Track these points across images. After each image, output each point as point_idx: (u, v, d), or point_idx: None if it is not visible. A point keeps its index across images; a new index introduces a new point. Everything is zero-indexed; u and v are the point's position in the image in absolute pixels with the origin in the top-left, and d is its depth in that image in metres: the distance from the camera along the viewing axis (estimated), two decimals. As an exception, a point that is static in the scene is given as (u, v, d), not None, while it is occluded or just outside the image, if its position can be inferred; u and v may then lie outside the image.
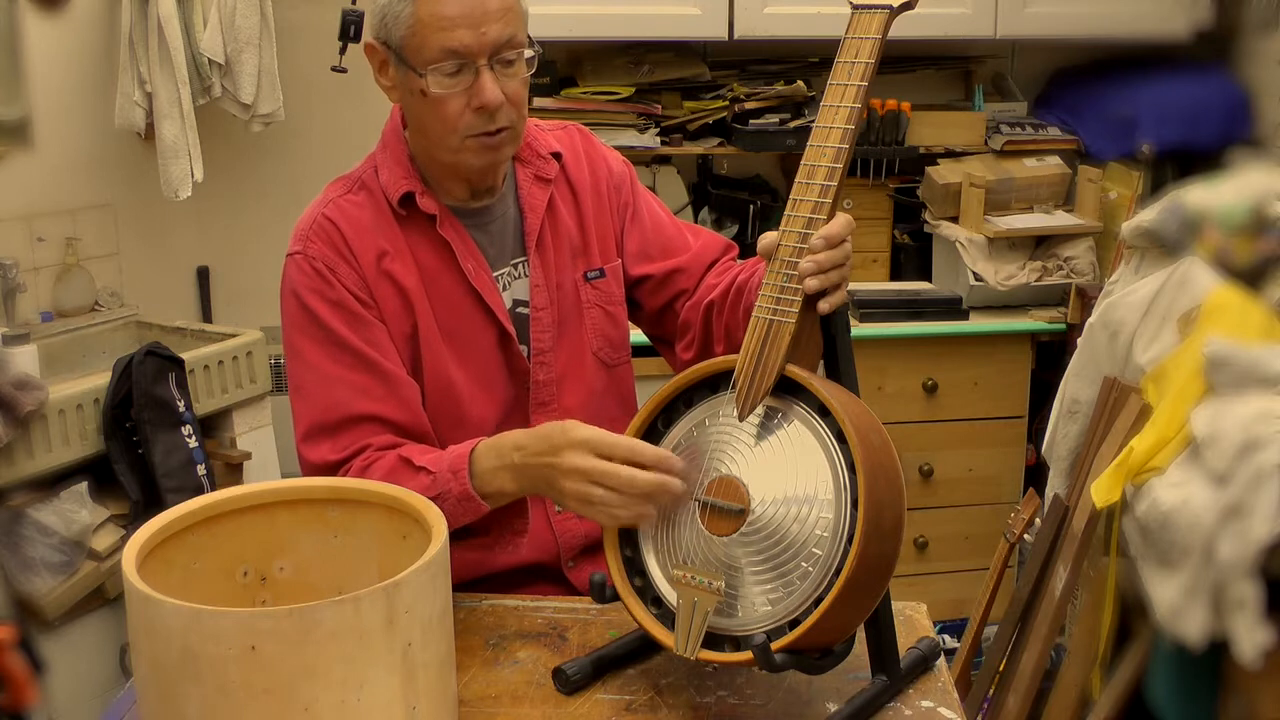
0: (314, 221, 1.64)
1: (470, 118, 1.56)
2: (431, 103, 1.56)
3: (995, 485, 3.21)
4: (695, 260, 1.80)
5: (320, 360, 1.61)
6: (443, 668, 1.26)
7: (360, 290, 1.62)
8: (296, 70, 3.28)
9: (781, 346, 1.37)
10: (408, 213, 1.65)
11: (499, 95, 1.55)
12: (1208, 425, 2.08)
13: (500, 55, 1.55)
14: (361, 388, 1.60)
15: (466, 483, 1.52)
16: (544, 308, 1.71)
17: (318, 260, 1.61)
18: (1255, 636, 1.99)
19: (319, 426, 1.60)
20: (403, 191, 1.64)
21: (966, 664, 2.71)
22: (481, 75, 1.54)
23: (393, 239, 1.64)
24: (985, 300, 3.20)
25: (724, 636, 1.34)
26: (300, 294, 1.62)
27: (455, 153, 1.60)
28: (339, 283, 1.61)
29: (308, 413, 1.62)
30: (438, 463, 1.54)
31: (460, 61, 1.53)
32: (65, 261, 3.13)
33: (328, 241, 1.62)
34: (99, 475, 2.68)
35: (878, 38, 1.41)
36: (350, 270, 1.62)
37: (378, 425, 1.60)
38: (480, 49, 1.53)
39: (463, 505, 1.52)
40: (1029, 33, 3.35)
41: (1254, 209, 2.29)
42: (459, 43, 1.52)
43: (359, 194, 1.66)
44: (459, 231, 1.66)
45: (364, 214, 1.65)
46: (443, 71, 1.54)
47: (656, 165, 3.39)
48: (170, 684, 1.15)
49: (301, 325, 1.62)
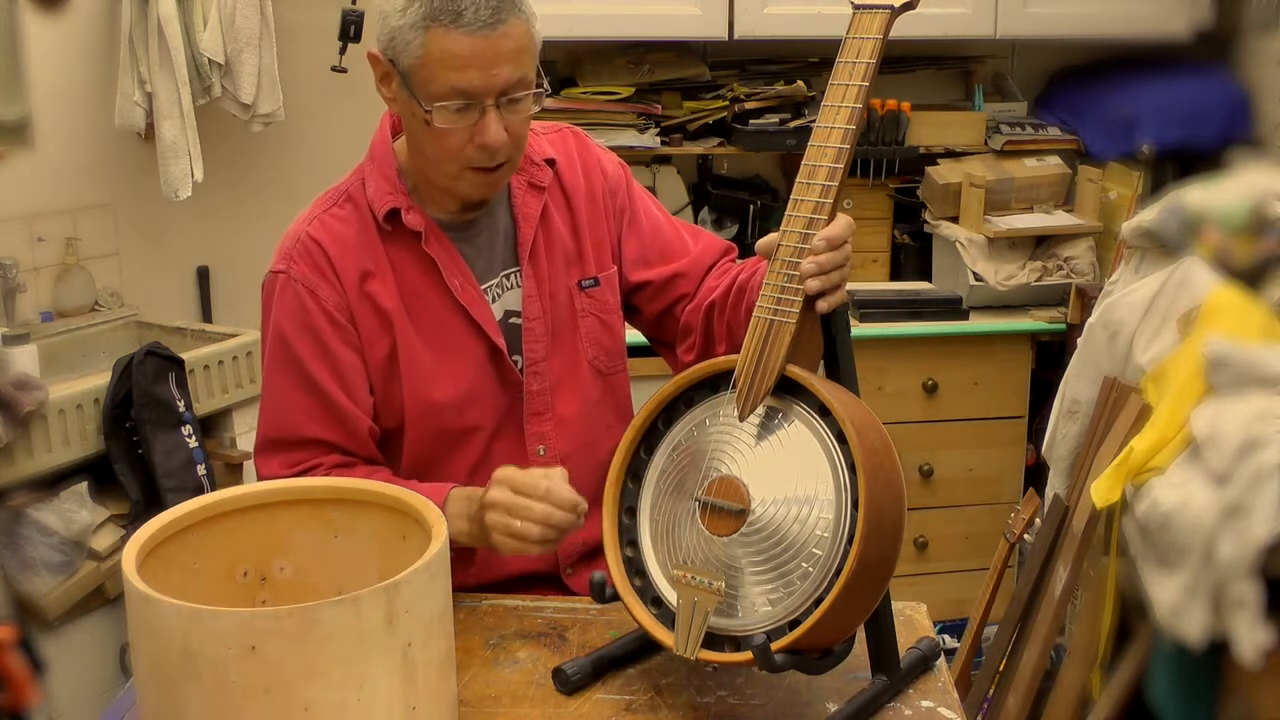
0: (298, 240, 1.64)
1: (471, 152, 1.55)
2: (434, 133, 1.55)
3: (995, 485, 3.21)
4: (694, 265, 1.79)
5: (280, 382, 1.66)
6: (443, 668, 1.26)
7: (339, 311, 1.63)
8: (296, 70, 3.28)
9: (782, 346, 1.37)
10: (393, 228, 1.64)
11: (503, 136, 1.54)
12: (1208, 425, 2.08)
13: (508, 95, 1.53)
14: (310, 412, 1.64)
15: None
16: (536, 318, 1.70)
17: (298, 282, 1.62)
18: (1255, 636, 1.99)
19: (270, 441, 1.67)
20: (388, 208, 1.63)
21: (966, 664, 2.71)
22: (487, 115, 1.53)
23: (376, 257, 1.64)
24: (985, 300, 3.20)
25: (724, 636, 1.34)
26: (275, 315, 1.65)
27: (452, 179, 1.60)
28: (317, 307, 1.62)
29: (263, 427, 1.68)
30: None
31: (467, 100, 1.52)
32: (65, 261, 3.13)
33: (310, 262, 1.63)
34: (99, 475, 2.68)
35: (879, 38, 1.41)
36: (332, 291, 1.62)
37: (324, 447, 1.65)
38: (489, 90, 1.51)
39: None
40: (1029, 33, 3.35)
41: (1254, 209, 2.29)
42: (468, 83, 1.50)
43: (345, 207, 1.66)
44: (445, 247, 1.66)
45: (348, 230, 1.64)
46: (449, 109, 1.52)
47: (656, 165, 3.39)
48: (170, 684, 1.15)
49: (271, 343, 1.66)
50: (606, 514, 1.45)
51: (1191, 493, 2.05)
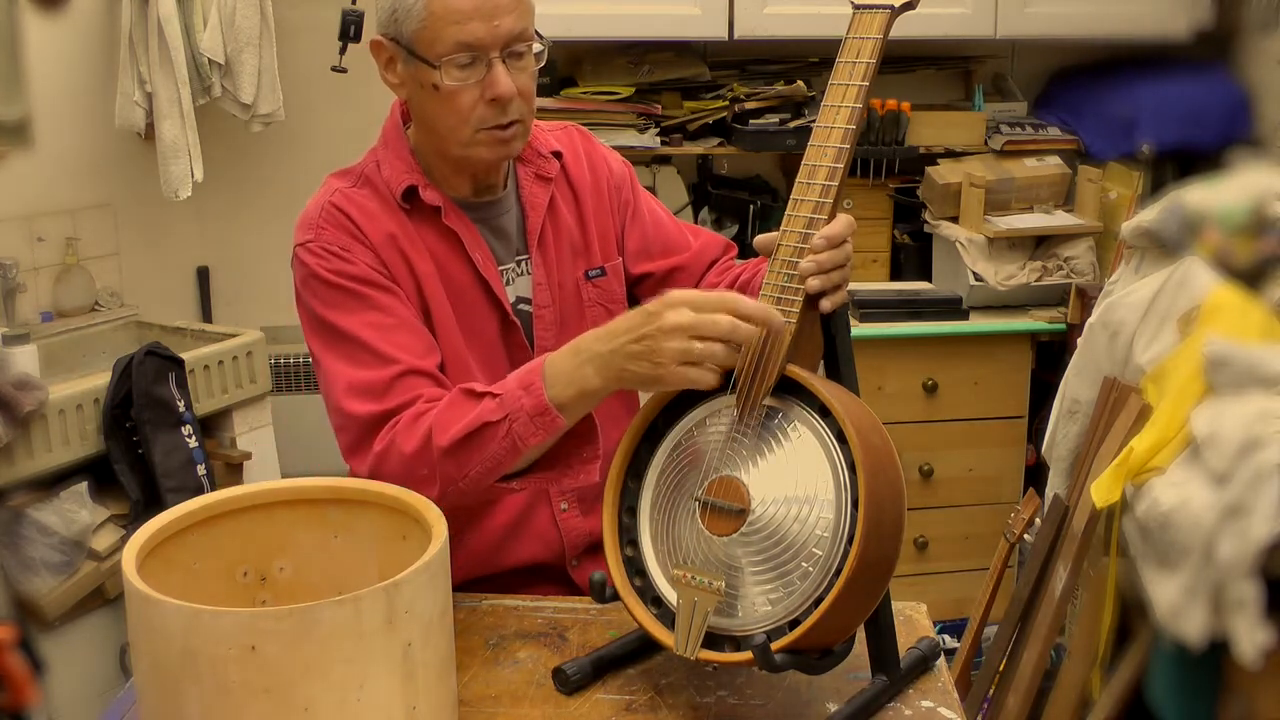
0: (322, 209, 1.63)
1: (483, 110, 1.57)
2: (443, 96, 1.56)
3: (995, 485, 3.21)
4: (696, 259, 1.81)
5: (357, 327, 1.56)
6: (443, 668, 1.26)
7: (377, 267, 1.60)
8: (296, 70, 3.28)
9: (782, 346, 1.37)
10: (411, 206, 1.65)
11: (512, 86, 1.56)
12: (1208, 425, 2.08)
13: (511, 48, 1.56)
14: (404, 345, 1.56)
15: (541, 394, 1.42)
16: (546, 306, 1.71)
17: (332, 244, 1.60)
18: (1255, 636, 1.99)
19: (364, 384, 1.54)
20: (405, 185, 1.64)
21: (966, 664, 2.71)
22: (494, 67, 1.55)
23: (402, 226, 1.64)
24: (985, 300, 3.20)
25: (724, 636, 1.34)
26: (320, 275, 1.59)
27: (467, 146, 1.60)
28: (357, 259, 1.59)
29: (347, 371, 1.56)
30: (503, 385, 1.47)
31: (473, 54, 1.54)
32: (65, 261, 3.14)
33: (339, 226, 1.61)
34: (99, 475, 2.68)
35: (879, 38, 1.41)
36: (365, 250, 1.60)
37: (425, 379, 1.55)
38: (493, 41, 1.54)
39: (536, 422, 1.42)
40: (1029, 33, 3.35)
41: (1254, 209, 2.29)
42: (472, 35, 1.53)
43: (363, 188, 1.66)
44: (465, 223, 1.66)
45: (370, 204, 1.64)
46: (456, 64, 1.54)
47: (656, 165, 3.39)
48: (170, 684, 1.15)
49: (329, 302, 1.59)
50: (606, 514, 1.44)
51: (1191, 493, 2.05)
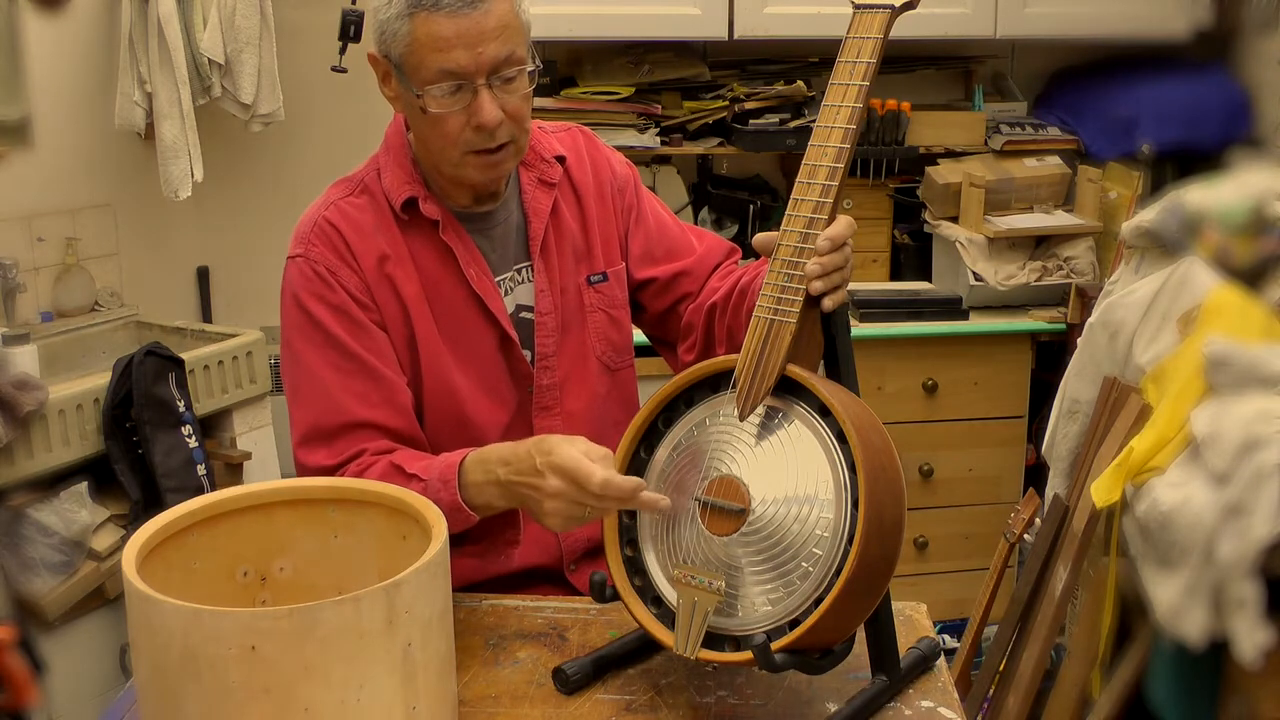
0: (315, 224, 1.64)
1: (470, 135, 1.56)
2: (431, 119, 1.56)
3: (995, 485, 3.21)
4: (700, 264, 1.80)
5: (319, 365, 1.61)
6: (443, 668, 1.26)
7: (361, 293, 1.62)
8: (296, 70, 3.28)
9: (782, 346, 1.37)
10: (410, 217, 1.65)
11: (497, 115, 1.54)
12: (1208, 425, 2.08)
13: (499, 73, 1.54)
14: (359, 394, 1.60)
15: (456, 493, 1.51)
16: (548, 312, 1.71)
17: (319, 264, 1.61)
18: (1255, 636, 1.99)
19: (316, 431, 1.60)
20: (405, 196, 1.64)
21: (966, 664, 2.71)
22: (480, 95, 1.53)
23: (394, 244, 1.64)
24: (985, 300, 3.20)
25: (724, 636, 1.34)
26: (300, 297, 1.62)
27: (456, 167, 1.60)
28: (340, 286, 1.61)
29: (305, 417, 1.62)
30: (428, 470, 1.54)
31: (458, 81, 1.53)
32: (65, 261, 3.13)
33: (329, 244, 1.62)
34: (99, 475, 2.68)
35: (879, 37, 1.41)
36: (351, 273, 1.62)
37: (374, 431, 1.60)
38: (478, 69, 1.52)
39: (453, 515, 1.49)
40: (1029, 33, 3.35)
41: (1254, 209, 2.29)
42: (455, 64, 1.51)
43: (360, 197, 1.66)
44: (462, 237, 1.66)
45: (365, 217, 1.64)
46: (441, 91, 1.53)
47: (656, 165, 3.39)
48: (170, 684, 1.15)
49: (301, 328, 1.62)
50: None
51: (1191, 492, 2.05)
